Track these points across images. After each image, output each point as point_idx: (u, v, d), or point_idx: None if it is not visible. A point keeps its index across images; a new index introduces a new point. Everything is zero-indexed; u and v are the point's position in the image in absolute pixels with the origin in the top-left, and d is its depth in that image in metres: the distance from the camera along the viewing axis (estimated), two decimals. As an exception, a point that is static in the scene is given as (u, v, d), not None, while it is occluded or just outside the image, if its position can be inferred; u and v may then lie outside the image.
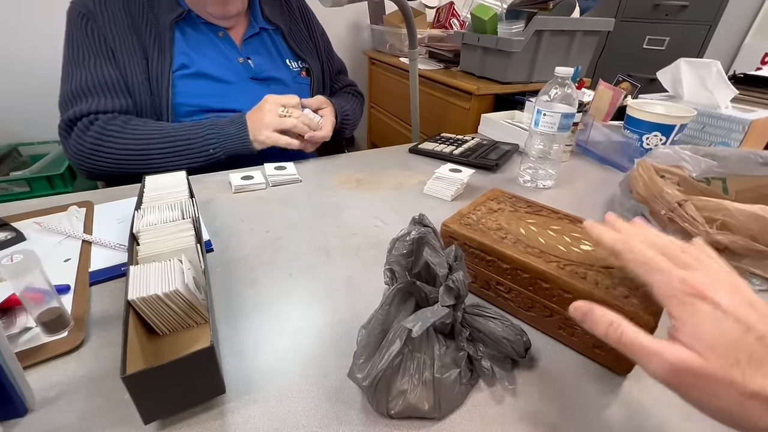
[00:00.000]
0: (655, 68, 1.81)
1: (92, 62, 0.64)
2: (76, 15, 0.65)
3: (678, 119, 0.69)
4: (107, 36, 0.64)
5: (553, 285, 0.33)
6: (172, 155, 0.63)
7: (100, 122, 0.62)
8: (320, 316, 0.38)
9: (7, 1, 1.12)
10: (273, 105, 0.66)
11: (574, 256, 0.35)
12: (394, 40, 1.48)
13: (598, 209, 0.60)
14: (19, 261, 0.30)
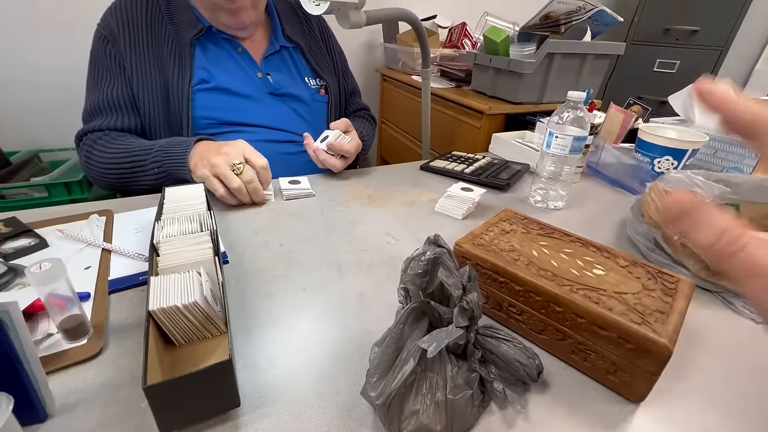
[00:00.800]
0: (666, 91, 1.82)
1: (106, 83, 0.69)
2: (99, 37, 0.69)
3: (690, 144, 0.69)
4: (124, 58, 0.68)
5: (566, 309, 0.34)
6: (131, 172, 0.64)
7: (94, 138, 0.67)
8: (332, 331, 0.38)
9: (34, 19, 1.17)
10: (234, 151, 0.59)
11: (587, 280, 0.35)
12: (406, 59, 1.51)
13: (609, 232, 0.60)
14: (48, 269, 0.31)
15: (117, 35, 0.67)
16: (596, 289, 0.34)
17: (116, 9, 0.68)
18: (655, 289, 0.35)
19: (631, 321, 0.31)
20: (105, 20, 0.69)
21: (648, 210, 0.53)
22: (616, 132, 0.90)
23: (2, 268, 0.41)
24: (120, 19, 0.67)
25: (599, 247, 0.41)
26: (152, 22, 0.68)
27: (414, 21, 0.77)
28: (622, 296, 0.33)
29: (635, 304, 0.32)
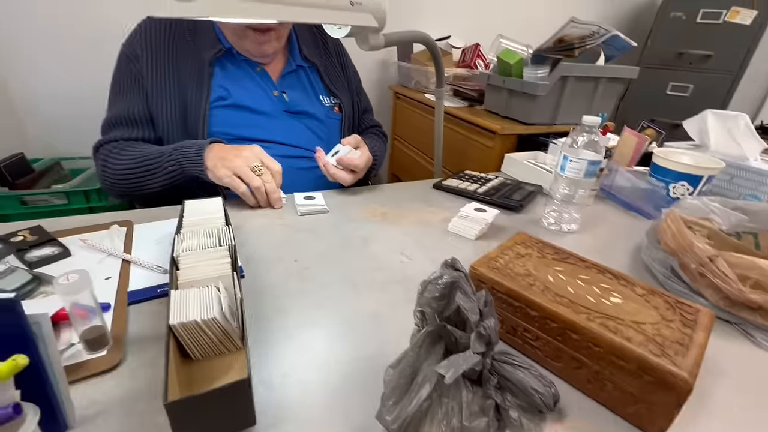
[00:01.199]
0: (679, 114, 1.82)
1: (125, 98, 0.72)
2: (124, 56, 0.72)
3: (706, 170, 0.69)
4: (145, 77, 0.71)
5: (583, 337, 0.33)
6: (145, 175, 0.67)
7: (109, 147, 0.70)
8: (346, 350, 0.38)
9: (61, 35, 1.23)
10: (252, 155, 0.63)
11: (604, 308, 0.35)
12: (420, 77, 1.53)
13: (624, 257, 0.60)
14: (75, 281, 0.32)
15: (140, 55, 0.70)
16: (613, 317, 0.34)
17: (142, 31, 0.71)
18: (674, 319, 0.34)
19: (650, 352, 0.30)
20: (131, 41, 0.72)
21: (664, 236, 0.52)
22: (630, 155, 0.90)
23: (27, 276, 0.42)
24: (145, 41, 0.70)
25: (616, 274, 0.41)
26: (175, 43, 0.71)
27: (431, 44, 0.79)
28: (640, 326, 0.33)
29: (654, 335, 0.32)
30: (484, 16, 1.81)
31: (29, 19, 1.18)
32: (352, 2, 0.54)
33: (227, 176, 0.61)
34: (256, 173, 0.63)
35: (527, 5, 1.87)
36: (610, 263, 0.56)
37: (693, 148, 0.88)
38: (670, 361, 0.30)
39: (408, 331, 0.41)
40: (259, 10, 0.39)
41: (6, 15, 1.15)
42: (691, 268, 0.47)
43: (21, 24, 1.18)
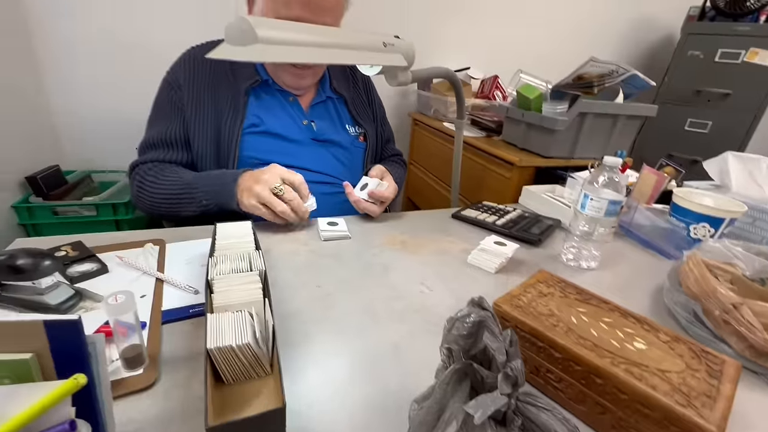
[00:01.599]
0: (698, 150, 1.82)
1: (164, 122, 0.76)
2: (166, 83, 0.77)
3: (728, 213, 0.69)
4: (185, 104, 0.75)
5: (607, 382, 0.34)
6: (179, 202, 0.70)
7: (146, 169, 0.73)
8: (369, 382, 0.39)
9: (104, 57, 1.31)
10: (272, 177, 0.65)
11: (628, 353, 0.36)
12: (439, 106, 1.57)
13: (645, 297, 0.60)
14: (122, 301, 0.34)
15: (182, 84, 0.75)
16: (638, 364, 0.34)
17: (185, 61, 0.77)
18: (700, 369, 0.35)
19: (677, 403, 0.30)
20: (174, 69, 0.77)
21: (686, 280, 0.53)
22: (649, 193, 0.90)
23: (70, 291, 0.45)
24: (187, 71, 0.76)
25: (639, 318, 0.41)
26: (215, 73, 0.76)
27: (454, 79, 0.83)
28: (665, 374, 0.33)
29: (680, 385, 0.32)
30: (502, 50, 1.86)
31: (78, 38, 1.26)
32: (385, 44, 0.58)
33: (254, 207, 0.64)
34: (277, 194, 0.64)
35: (545, 40, 1.93)
36: (631, 304, 0.57)
37: (714, 189, 0.88)
38: (697, 413, 0.30)
39: (428, 363, 0.42)
40: (303, 53, 0.42)
41: (56, 32, 1.24)
42: (715, 315, 0.47)
43: (69, 42, 1.26)
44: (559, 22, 1.91)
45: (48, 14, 1.21)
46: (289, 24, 0.45)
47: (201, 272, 0.55)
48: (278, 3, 0.66)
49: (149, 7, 1.30)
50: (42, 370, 0.27)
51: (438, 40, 1.75)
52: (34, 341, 0.26)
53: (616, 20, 2.02)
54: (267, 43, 0.40)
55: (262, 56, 0.39)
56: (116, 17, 1.28)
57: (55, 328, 0.26)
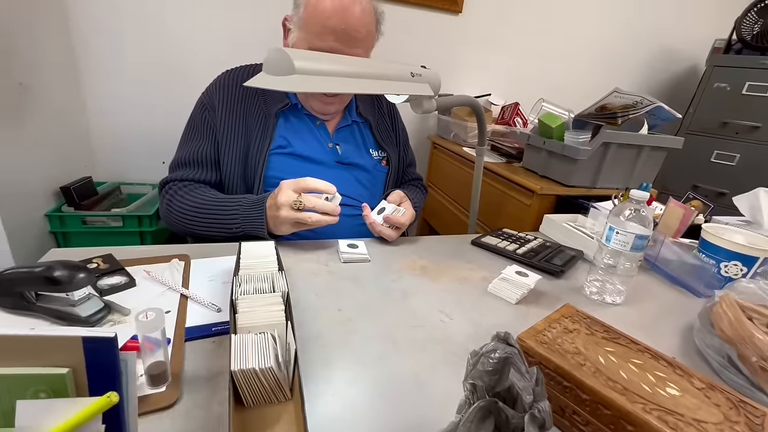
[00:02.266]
0: (725, 183, 1.78)
1: (196, 142, 0.79)
2: (201, 104, 0.81)
3: (762, 252, 0.66)
4: (217, 126, 0.78)
5: (639, 430, 0.32)
6: (209, 224, 0.72)
7: (177, 187, 0.75)
8: (390, 414, 0.38)
9: (142, 73, 1.38)
10: (286, 197, 0.65)
11: (661, 399, 0.34)
12: (459, 131, 1.59)
13: (674, 337, 0.57)
14: (153, 319, 0.35)
15: (216, 106, 0.78)
16: (672, 412, 0.33)
17: (220, 83, 0.80)
18: (739, 421, 0.33)
19: None
20: (209, 92, 0.81)
21: (720, 323, 0.50)
22: (675, 227, 0.88)
23: (100, 304, 0.46)
24: (221, 93, 0.79)
25: (670, 361, 0.39)
26: (247, 97, 0.79)
27: (477, 108, 0.84)
28: (702, 425, 0.32)
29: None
30: (523, 77, 1.89)
31: (117, 57, 1.34)
32: (412, 74, 0.59)
33: (289, 231, 0.68)
34: (299, 207, 0.65)
35: (567, 69, 1.94)
36: (660, 343, 0.55)
37: (744, 225, 0.85)
38: None
39: (449, 395, 0.41)
40: (336, 84, 0.44)
41: (98, 51, 1.32)
42: (752, 361, 0.45)
43: (109, 61, 1.34)
44: (580, 51, 1.93)
45: (92, 33, 1.29)
46: (324, 56, 0.47)
47: (223, 289, 0.55)
48: (312, 34, 0.69)
49: (183, 30, 1.37)
50: (76, 386, 0.27)
51: (460, 65, 1.78)
52: (72, 356, 0.27)
53: (638, 50, 2.02)
54: (303, 74, 0.42)
55: (298, 86, 0.41)
56: (152, 39, 1.35)
57: (93, 344, 0.27)
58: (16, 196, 1.04)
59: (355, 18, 0.69)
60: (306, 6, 0.70)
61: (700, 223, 0.90)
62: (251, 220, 0.69)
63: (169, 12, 1.34)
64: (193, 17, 1.37)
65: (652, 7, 1.94)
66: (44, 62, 1.15)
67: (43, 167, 1.17)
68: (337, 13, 0.68)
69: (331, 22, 0.68)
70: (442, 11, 1.64)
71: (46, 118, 1.16)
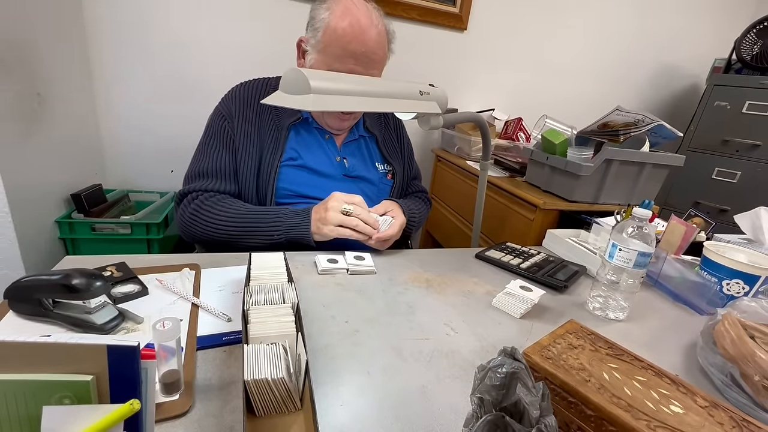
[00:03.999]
0: (726, 200, 1.79)
1: (216, 152, 0.80)
2: (218, 113, 0.82)
3: (763, 271, 0.67)
4: (235, 135, 0.80)
5: (644, 447, 0.33)
6: (245, 233, 0.73)
7: (202, 198, 0.76)
8: (397, 425, 0.39)
9: (154, 86, 1.42)
10: (337, 202, 0.72)
11: (665, 417, 0.35)
12: (462, 145, 1.61)
13: (676, 355, 0.58)
14: (169, 328, 0.36)
15: (233, 115, 0.80)
16: (676, 429, 0.33)
17: (236, 94, 0.82)
18: (744, 440, 0.33)
19: None
20: (226, 102, 0.83)
21: (722, 341, 0.51)
22: (677, 244, 0.89)
23: (114, 312, 0.47)
24: (238, 103, 0.81)
25: (674, 379, 0.40)
26: (261, 108, 0.82)
27: (482, 124, 0.86)
28: (705, 443, 0.32)
29: None
30: (526, 93, 1.92)
31: (130, 68, 1.37)
32: (421, 92, 0.61)
33: (333, 231, 0.71)
34: (348, 212, 0.71)
35: (569, 86, 1.97)
36: (662, 360, 0.55)
37: (746, 243, 0.86)
38: None
39: (455, 409, 0.42)
40: (350, 102, 0.46)
41: (113, 62, 1.35)
42: (754, 380, 0.46)
43: (123, 71, 1.37)
44: (583, 68, 1.96)
45: (107, 45, 1.33)
46: (337, 75, 0.49)
47: (233, 299, 0.56)
48: (331, 57, 0.72)
49: (195, 43, 1.41)
50: (99, 393, 0.28)
51: (464, 81, 1.81)
52: (96, 364, 0.28)
53: (640, 68, 2.06)
54: (318, 93, 0.43)
55: (314, 105, 0.43)
56: (164, 52, 1.39)
57: (116, 353, 0.28)
58: (28, 202, 1.06)
59: (373, 41, 0.72)
60: (325, 30, 0.72)
61: (701, 240, 0.91)
62: (296, 225, 0.72)
63: (181, 26, 1.38)
64: (204, 31, 1.40)
65: (654, 26, 1.99)
66: (61, 73, 1.19)
67: (55, 174, 1.19)
68: (356, 37, 0.71)
69: (352, 47, 0.71)
70: (447, 28, 1.68)
71: (60, 127, 1.19)
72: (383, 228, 0.77)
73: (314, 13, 0.75)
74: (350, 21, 0.71)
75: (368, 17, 0.72)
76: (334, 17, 0.71)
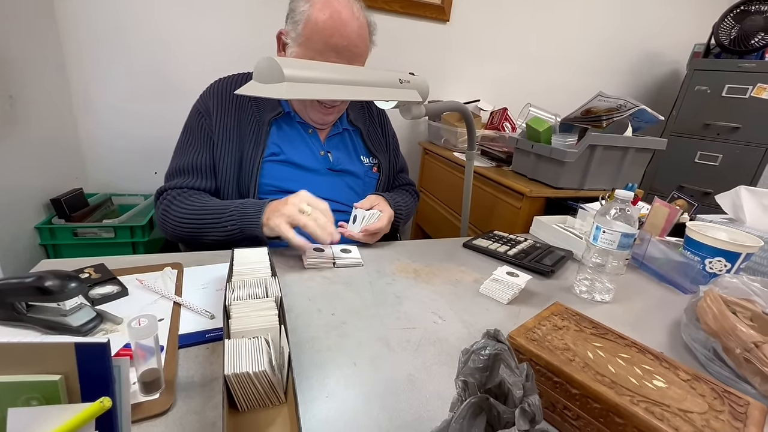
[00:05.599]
0: (709, 182, 1.82)
1: (193, 150, 0.79)
2: (196, 111, 0.81)
3: (744, 248, 0.68)
4: (213, 132, 0.79)
5: (628, 422, 0.33)
6: (205, 227, 0.71)
7: (174, 194, 0.75)
8: (384, 415, 0.39)
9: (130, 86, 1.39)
10: (298, 199, 0.67)
11: (648, 391, 0.35)
12: (449, 136, 1.61)
13: (661, 333, 0.59)
14: (145, 325, 0.35)
15: (211, 112, 0.78)
16: (659, 403, 0.34)
17: (214, 90, 0.81)
18: (723, 410, 0.34)
19: None
20: (204, 98, 0.81)
21: (705, 317, 0.52)
22: (661, 226, 0.90)
23: (92, 313, 0.46)
24: (216, 99, 0.79)
25: (657, 355, 0.40)
26: (241, 104, 0.80)
27: (466, 113, 0.85)
28: (687, 415, 0.33)
29: (703, 427, 0.31)
30: (511, 83, 1.92)
31: (107, 68, 1.34)
32: (401, 80, 0.61)
33: (278, 225, 0.64)
34: (305, 214, 0.65)
35: (553, 75, 1.98)
36: (648, 339, 0.55)
37: (727, 223, 0.87)
38: None
39: (443, 395, 0.42)
40: (325, 90, 0.45)
41: (89, 63, 1.32)
42: (736, 353, 0.46)
43: (99, 72, 1.34)
44: (566, 57, 1.97)
45: (83, 44, 1.29)
46: (313, 63, 0.48)
47: (216, 297, 0.55)
48: (312, 51, 0.70)
49: (174, 41, 1.38)
50: (68, 392, 0.27)
51: (448, 73, 1.81)
52: (64, 363, 0.27)
53: (623, 55, 2.08)
54: (293, 81, 0.42)
55: (288, 93, 0.42)
56: (143, 50, 1.36)
57: (85, 351, 0.27)
58: (4, 208, 1.03)
59: (354, 34, 0.71)
60: (306, 23, 0.71)
61: (685, 221, 0.92)
62: (248, 215, 0.68)
63: (161, 23, 1.35)
64: (183, 27, 1.38)
65: (636, 14, 2.00)
66: (35, 74, 1.15)
67: (32, 179, 1.16)
68: (338, 30, 0.70)
69: (333, 40, 0.70)
70: (430, 20, 1.67)
71: (36, 129, 1.16)
72: (372, 221, 0.76)
73: (294, 5, 0.74)
74: (331, 13, 0.69)
75: (349, 9, 0.71)
76: (314, 9, 0.70)
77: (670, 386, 0.36)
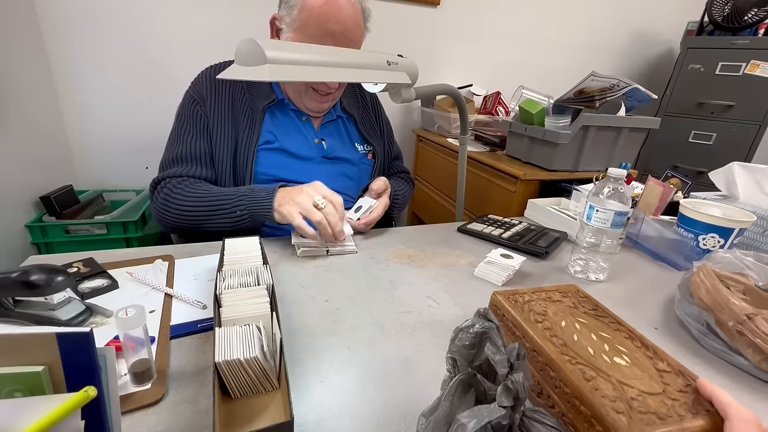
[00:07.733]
0: (703, 162, 1.82)
1: (190, 137, 0.77)
2: (189, 98, 0.79)
3: (737, 223, 0.68)
4: (208, 119, 0.77)
5: (557, 375, 0.34)
6: (211, 214, 0.69)
7: (174, 183, 0.73)
8: (379, 396, 0.39)
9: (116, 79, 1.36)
10: (313, 191, 0.66)
11: (598, 362, 0.34)
12: (442, 122, 1.60)
13: (655, 310, 0.59)
14: (132, 315, 0.35)
15: (205, 99, 0.77)
16: (599, 371, 0.33)
17: (207, 77, 0.79)
18: (679, 400, 0.31)
19: (612, 409, 0.29)
20: (196, 85, 0.79)
21: (698, 291, 0.52)
22: (655, 204, 0.90)
23: (81, 307, 0.45)
24: (209, 86, 0.78)
25: (648, 345, 0.38)
26: (234, 90, 0.79)
27: (457, 96, 0.84)
28: (623, 386, 0.31)
29: (632, 399, 0.30)
30: (504, 67, 1.90)
31: (93, 62, 1.31)
32: (389, 62, 0.59)
33: (290, 213, 0.63)
34: (319, 207, 0.64)
35: (546, 57, 1.96)
36: (642, 316, 0.56)
37: (721, 199, 0.87)
38: (626, 420, 0.28)
39: (437, 376, 0.42)
40: (310, 72, 0.44)
41: (73, 56, 1.29)
42: (729, 326, 0.46)
43: (85, 66, 1.31)
44: (558, 39, 1.95)
45: (66, 38, 1.26)
46: (297, 45, 0.47)
47: (209, 287, 0.55)
48: (308, 36, 0.69)
49: (161, 31, 1.35)
50: (53, 383, 0.27)
51: (440, 58, 1.79)
52: (47, 354, 0.27)
53: (616, 36, 2.05)
54: (275, 63, 0.41)
55: (271, 75, 0.41)
56: (129, 42, 1.33)
57: (68, 341, 0.26)
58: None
59: (350, 19, 0.70)
60: (301, 8, 0.69)
61: (679, 200, 0.92)
62: (258, 200, 0.66)
63: (147, 13, 1.32)
64: (171, 17, 1.34)
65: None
66: (17, 69, 1.13)
67: (20, 177, 1.14)
68: (334, 16, 0.68)
69: (329, 26, 0.69)
70: (419, 4, 1.65)
71: (21, 126, 1.14)
72: (364, 213, 0.76)
73: None
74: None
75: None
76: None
77: (631, 367, 0.34)
